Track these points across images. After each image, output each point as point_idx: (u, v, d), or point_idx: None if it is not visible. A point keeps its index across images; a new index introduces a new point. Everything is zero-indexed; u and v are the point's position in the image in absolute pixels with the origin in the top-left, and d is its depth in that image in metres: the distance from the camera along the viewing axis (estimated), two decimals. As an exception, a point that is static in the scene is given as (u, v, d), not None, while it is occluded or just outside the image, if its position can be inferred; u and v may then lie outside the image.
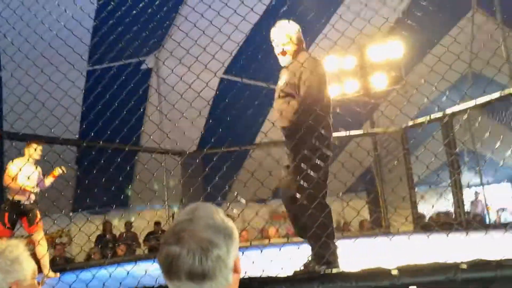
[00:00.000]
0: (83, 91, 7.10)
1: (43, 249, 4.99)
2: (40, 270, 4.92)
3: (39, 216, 5.13)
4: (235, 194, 3.62)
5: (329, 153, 3.03)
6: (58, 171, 5.21)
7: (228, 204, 7.28)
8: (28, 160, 4.95)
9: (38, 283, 1.57)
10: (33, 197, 5.13)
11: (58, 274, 4.96)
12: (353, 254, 3.68)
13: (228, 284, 1.15)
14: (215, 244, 1.12)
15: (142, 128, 7.80)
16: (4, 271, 1.47)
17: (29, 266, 1.55)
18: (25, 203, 5.06)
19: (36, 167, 5.16)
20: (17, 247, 1.55)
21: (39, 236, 5.05)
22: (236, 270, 1.18)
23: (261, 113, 4.28)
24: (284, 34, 3.18)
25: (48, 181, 5.28)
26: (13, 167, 4.97)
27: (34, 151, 5.04)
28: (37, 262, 4.98)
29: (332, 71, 7.67)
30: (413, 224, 6.65)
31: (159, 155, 6.72)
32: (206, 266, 1.09)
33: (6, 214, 4.96)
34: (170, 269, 1.10)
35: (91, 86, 6.48)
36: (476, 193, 10.15)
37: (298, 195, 2.96)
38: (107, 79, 4.40)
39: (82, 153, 7.05)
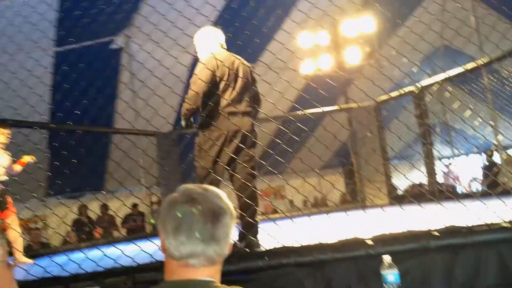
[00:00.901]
0: (52, 72, 6.89)
1: (15, 233, 4.88)
2: (12, 255, 4.83)
3: (10, 201, 4.99)
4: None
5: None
6: (26, 158, 5.03)
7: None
8: None
9: (9, 265, 1.53)
10: (1, 183, 4.97)
11: (32, 260, 4.87)
12: (329, 228, 3.74)
13: (224, 254, 1.22)
14: (225, 212, 1.21)
15: (114, 108, 7.65)
16: (-27, 255, 1.43)
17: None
18: None
19: (5, 152, 4.99)
20: (-15, 231, 1.50)
21: (11, 220, 4.93)
22: (230, 248, 1.25)
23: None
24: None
25: (17, 168, 5.10)
26: None
27: (1, 135, 4.86)
28: (10, 247, 4.91)
29: (307, 47, 7.66)
30: (387, 197, 6.78)
31: (133, 140, 6.62)
32: (216, 230, 1.17)
33: None
34: (180, 226, 1.16)
35: (60, 67, 6.30)
36: (448, 165, 10.44)
37: None
38: (77, 59, 4.28)
39: (54, 136, 6.87)
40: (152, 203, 8.14)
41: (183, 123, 3.34)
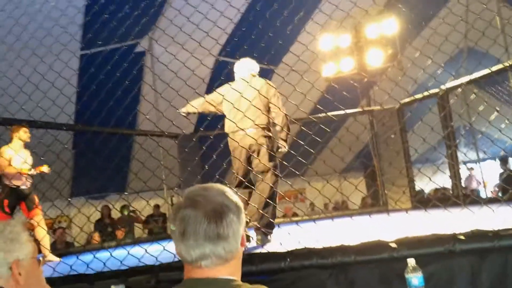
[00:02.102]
0: (77, 74, 7.04)
1: (42, 232, 4.99)
2: (40, 252, 4.94)
3: (37, 200, 5.12)
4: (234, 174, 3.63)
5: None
6: (44, 168, 5.15)
7: (228, 185, 7.30)
8: (19, 143, 4.94)
9: (39, 261, 1.57)
10: (29, 181, 5.10)
11: (59, 258, 4.97)
12: (352, 231, 3.72)
13: (236, 249, 1.22)
14: (228, 208, 1.21)
15: (138, 108, 7.75)
16: (4, 250, 1.47)
17: (29, 245, 1.54)
18: (23, 188, 5.04)
19: (29, 154, 5.12)
20: (17, 227, 1.54)
21: (39, 219, 5.05)
22: (242, 243, 1.25)
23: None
24: None
25: (34, 172, 5.21)
26: (7, 151, 4.93)
27: (24, 133, 4.99)
28: (38, 245, 5.02)
29: (328, 49, 7.62)
30: (410, 200, 6.68)
31: (154, 142, 6.69)
32: (221, 228, 1.17)
33: (6, 201, 4.94)
34: (186, 230, 1.17)
35: (85, 69, 6.43)
36: (470, 169, 10.23)
37: None
38: (102, 62, 4.35)
39: (79, 137, 7.02)
40: (173, 205, 8.21)
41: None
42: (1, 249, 1.46)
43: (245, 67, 4.03)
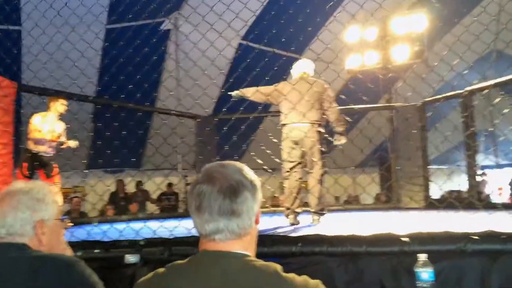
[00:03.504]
0: (101, 51, 7.12)
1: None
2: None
3: (56, 169, 5.24)
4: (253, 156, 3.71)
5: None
6: (72, 143, 5.28)
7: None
8: (53, 114, 5.06)
9: (62, 223, 1.62)
10: (51, 150, 5.22)
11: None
12: (364, 223, 3.73)
13: (251, 227, 1.24)
14: (244, 185, 1.23)
15: (157, 92, 7.82)
16: (31, 209, 1.52)
17: (54, 206, 1.59)
18: (43, 155, 5.16)
19: (60, 122, 5.24)
20: (44, 188, 1.59)
21: (55, 188, 5.17)
22: (257, 220, 1.28)
23: (277, 81, 4.28)
24: None
25: (61, 141, 5.32)
26: (36, 118, 5.05)
27: (61, 105, 5.11)
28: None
29: (353, 41, 7.54)
30: (424, 200, 6.64)
31: (172, 121, 6.76)
32: (235, 204, 1.20)
33: (25, 165, 5.07)
34: (201, 204, 1.21)
35: (110, 44, 6.50)
36: (483, 174, 10.10)
37: None
38: (125, 38, 4.39)
39: (98, 113, 7.12)
40: (187, 185, 8.30)
41: None
42: (28, 207, 1.52)
43: (303, 67, 4.43)
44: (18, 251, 1.43)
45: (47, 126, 4.88)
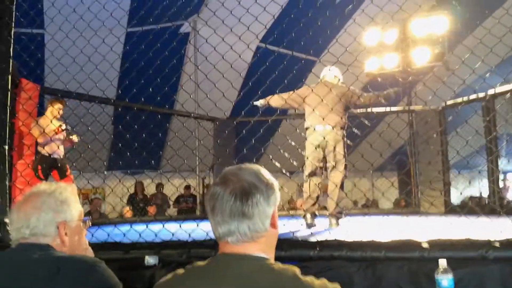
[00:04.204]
0: (121, 54, 7.22)
1: None
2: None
3: (69, 169, 5.35)
4: (271, 159, 3.71)
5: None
6: (75, 137, 5.40)
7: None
8: (50, 115, 5.17)
9: (84, 224, 1.65)
10: (61, 150, 5.34)
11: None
12: (383, 228, 3.69)
13: (264, 230, 1.23)
14: (256, 188, 1.23)
15: (176, 94, 7.89)
16: (54, 210, 1.55)
17: (77, 208, 1.62)
18: (55, 157, 5.27)
19: (62, 123, 5.34)
20: (66, 189, 1.63)
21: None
22: (273, 224, 1.25)
23: (295, 84, 4.30)
24: None
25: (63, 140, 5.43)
26: (39, 121, 5.17)
27: (56, 109, 5.25)
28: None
29: (372, 44, 7.48)
30: (444, 205, 6.54)
31: (190, 124, 6.83)
32: (246, 206, 1.20)
33: (40, 167, 5.19)
34: (214, 206, 1.23)
35: (129, 47, 6.59)
36: (505, 179, 9.89)
37: None
38: (145, 41, 4.46)
39: (118, 115, 7.23)
40: (205, 187, 8.35)
41: None
42: (51, 209, 1.55)
43: (331, 73, 4.61)
44: (41, 252, 1.46)
45: (46, 126, 5.00)
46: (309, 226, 4.34)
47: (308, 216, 4.40)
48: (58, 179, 5.35)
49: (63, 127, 5.29)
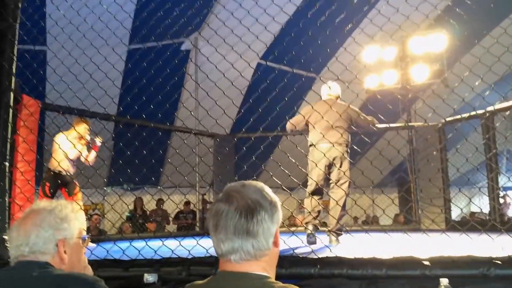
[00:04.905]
0: (123, 71, 7.28)
1: None
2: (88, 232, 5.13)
3: (77, 187, 5.32)
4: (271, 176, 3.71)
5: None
6: (97, 141, 5.40)
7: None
8: (74, 134, 5.16)
9: (83, 242, 1.64)
10: (72, 168, 5.32)
11: (95, 244, 5.14)
12: (384, 245, 3.67)
13: (268, 249, 1.23)
14: (261, 206, 1.22)
15: (176, 111, 7.93)
16: (54, 228, 1.54)
17: (76, 225, 1.62)
18: (64, 174, 5.25)
19: (83, 143, 5.32)
20: (66, 207, 1.62)
21: (78, 206, 5.23)
22: (276, 242, 1.24)
23: (296, 101, 4.35)
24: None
25: (93, 154, 5.43)
26: (61, 137, 5.15)
27: (83, 128, 5.22)
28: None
29: (372, 61, 7.54)
30: (445, 222, 6.51)
31: (190, 140, 6.85)
32: (251, 224, 1.19)
33: (47, 184, 5.17)
34: (218, 223, 1.21)
35: (131, 64, 6.66)
36: (505, 195, 9.86)
37: None
38: (147, 59, 4.51)
39: (119, 132, 7.26)
40: (204, 203, 8.33)
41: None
42: (51, 226, 1.54)
43: (332, 90, 4.65)
44: (40, 269, 1.45)
45: (69, 144, 4.99)
46: (310, 239, 4.32)
47: (310, 227, 4.39)
48: (66, 196, 5.33)
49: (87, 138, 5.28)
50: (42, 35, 6.26)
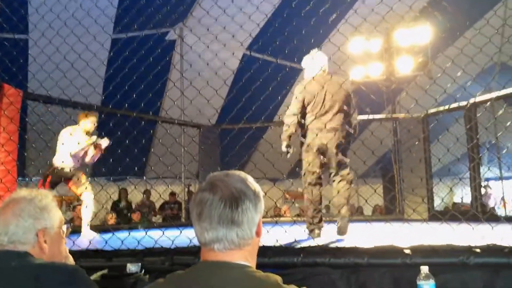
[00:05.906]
0: (106, 60, 7.18)
1: (85, 210, 5.13)
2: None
3: (84, 178, 5.24)
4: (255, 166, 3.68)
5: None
6: (104, 142, 5.24)
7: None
8: (81, 128, 5.06)
9: (63, 232, 1.63)
10: (76, 163, 5.20)
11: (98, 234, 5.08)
12: (366, 235, 3.72)
13: (251, 238, 1.23)
14: (246, 195, 1.22)
15: (161, 101, 7.86)
16: (34, 217, 1.52)
17: (56, 215, 1.60)
18: (66, 170, 5.14)
19: (89, 138, 5.19)
20: (47, 196, 1.60)
21: (87, 196, 5.16)
22: (258, 232, 1.25)
23: (280, 91, 4.27)
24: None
25: (90, 154, 5.30)
26: (66, 132, 5.05)
27: (90, 122, 5.11)
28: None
29: (357, 53, 7.57)
30: (427, 212, 6.61)
31: (175, 130, 6.80)
32: (236, 213, 1.19)
33: (49, 177, 5.08)
34: (202, 212, 1.21)
35: (115, 53, 6.56)
36: (486, 186, 10.04)
37: None
38: (131, 48, 4.45)
39: (102, 122, 7.18)
40: (189, 194, 8.31)
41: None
42: (30, 215, 1.52)
43: (318, 64, 3.94)
44: (20, 259, 1.43)
45: (74, 140, 4.91)
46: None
47: (318, 232, 4.00)
48: (74, 189, 5.23)
49: (93, 139, 5.13)
50: (23, 23, 6.13)
